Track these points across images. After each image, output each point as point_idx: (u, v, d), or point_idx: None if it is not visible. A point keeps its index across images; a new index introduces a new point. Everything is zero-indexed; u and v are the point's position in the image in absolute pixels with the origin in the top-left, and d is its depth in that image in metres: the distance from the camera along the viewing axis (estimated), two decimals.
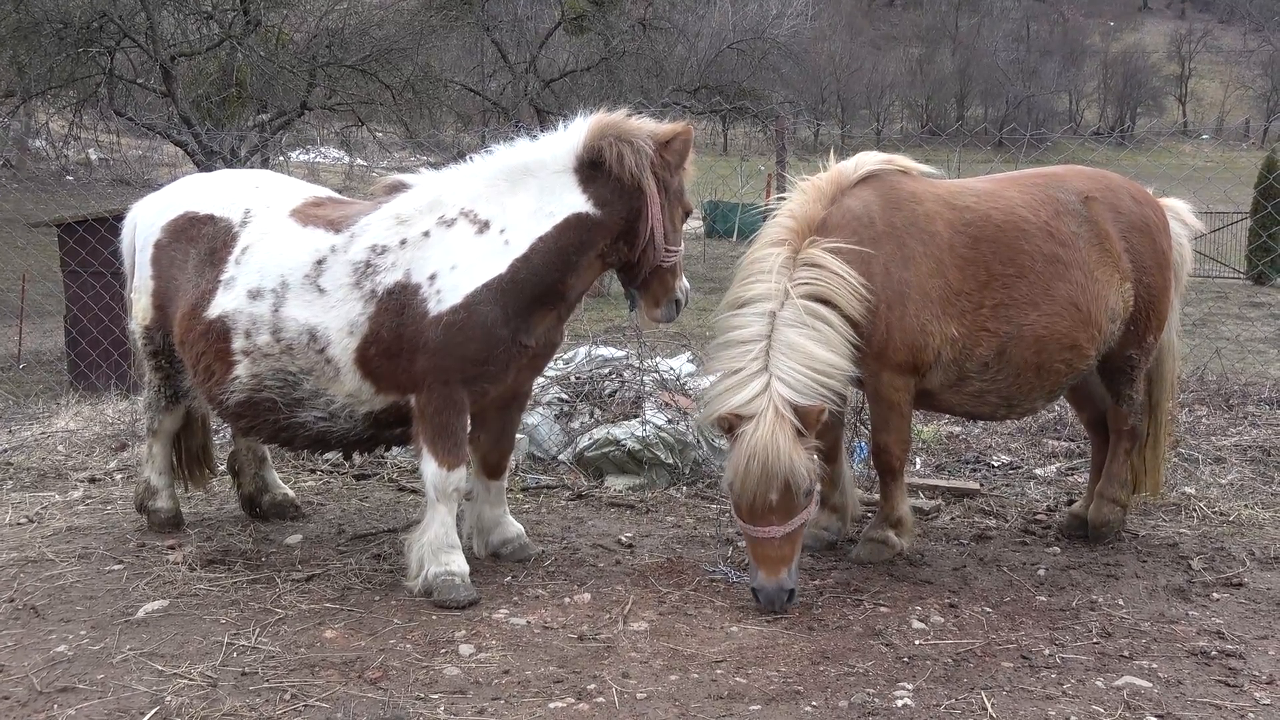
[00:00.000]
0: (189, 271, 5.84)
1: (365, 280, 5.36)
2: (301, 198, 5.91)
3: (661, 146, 5.33)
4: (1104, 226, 5.87)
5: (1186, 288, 6.54)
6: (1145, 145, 22.04)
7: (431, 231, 5.34)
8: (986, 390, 5.82)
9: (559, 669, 4.58)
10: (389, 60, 27.53)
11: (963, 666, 4.64)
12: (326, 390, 5.49)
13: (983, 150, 23.52)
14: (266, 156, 27.11)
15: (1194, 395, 9.57)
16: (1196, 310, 20.01)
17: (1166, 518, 6.77)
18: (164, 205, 6.13)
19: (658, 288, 5.56)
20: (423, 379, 5.27)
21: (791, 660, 4.69)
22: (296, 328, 5.45)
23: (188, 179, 6.48)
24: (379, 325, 5.31)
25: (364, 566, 5.88)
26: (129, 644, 4.84)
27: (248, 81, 26.72)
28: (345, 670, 4.57)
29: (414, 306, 5.25)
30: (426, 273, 5.27)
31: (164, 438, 6.46)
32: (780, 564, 5.19)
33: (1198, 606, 5.36)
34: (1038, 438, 8.74)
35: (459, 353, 5.20)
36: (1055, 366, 5.81)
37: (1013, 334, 5.68)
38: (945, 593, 5.52)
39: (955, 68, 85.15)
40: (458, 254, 5.26)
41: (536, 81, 33.74)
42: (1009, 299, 5.67)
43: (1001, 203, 5.79)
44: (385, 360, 5.34)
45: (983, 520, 6.82)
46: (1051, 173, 6.18)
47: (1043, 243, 5.73)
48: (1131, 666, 4.65)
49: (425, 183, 5.62)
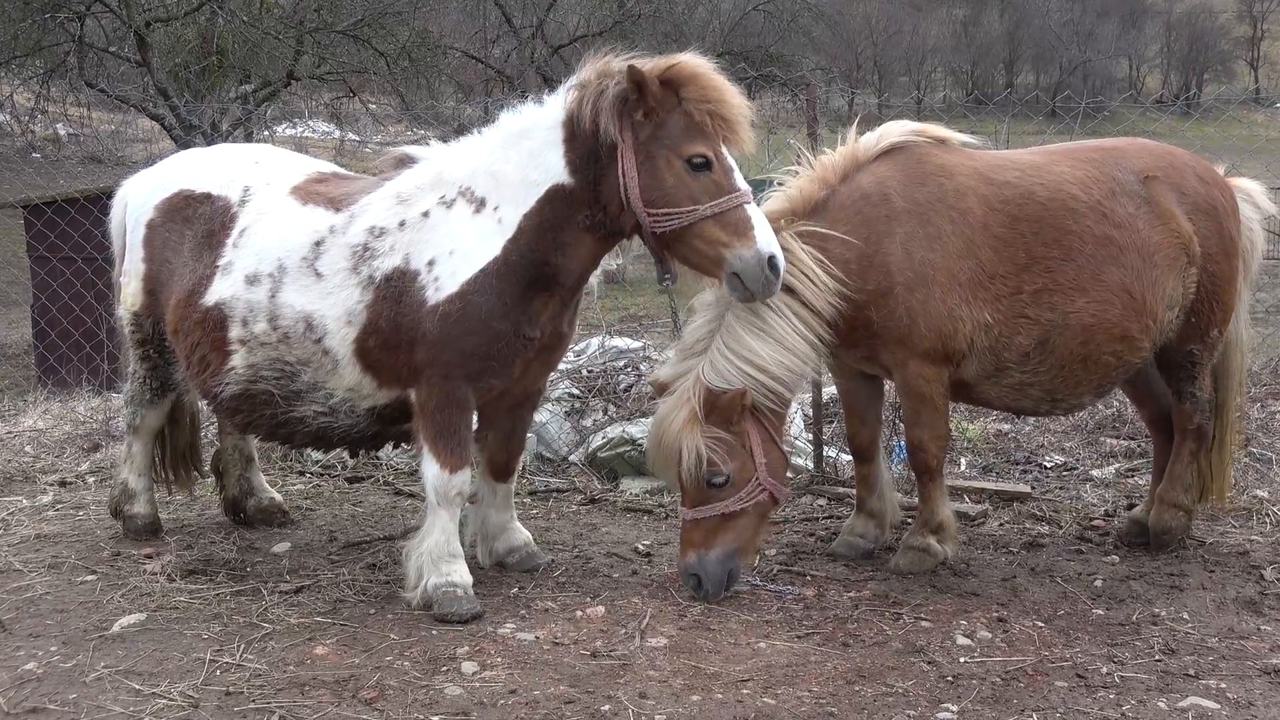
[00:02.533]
0: (184, 254, 5.87)
1: (363, 265, 5.38)
2: (304, 174, 5.93)
3: (636, 85, 5.02)
4: (1167, 206, 5.84)
5: (1259, 271, 6.51)
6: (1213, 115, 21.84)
7: (431, 212, 5.35)
8: (1028, 383, 5.82)
9: (570, 688, 4.59)
10: (383, 25, 27.51)
11: (1012, 686, 4.64)
12: (326, 383, 5.52)
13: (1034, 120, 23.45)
14: (250, 131, 27.14)
15: (1267, 389, 9.53)
16: (1270, 296, 19.91)
17: (1236, 523, 6.75)
18: (158, 182, 6.16)
19: (697, 259, 5.18)
20: (422, 373, 5.29)
21: (824, 679, 4.69)
22: (293, 315, 5.48)
23: (183, 154, 6.52)
24: (377, 315, 5.33)
25: (358, 577, 5.90)
26: (103, 661, 4.87)
27: (229, 49, 26.74)
28: (338, 690, 4.59)
29: (412, 295, 5.27)
30: (425, 258, 5.28)
31: (146, 435, 6.50)
32: (689, 546, 5.51)
33: (1271, 620, 5.34)
34: (1094, 436, 8.72)
35: (457, 346, 5.21)
36: (1104, 359, 5.79)
37: (1056, 322, 5.67)
38: (993, 605, 5.51)
39: (1004, 30, 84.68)
40: (456, 237, 5.27)
41: (544, 47, 33.73)
42: (1053, 283, 5.67)
43: (1048, 178, 5.77)
44: (385, 353, 5.36)
45: (1034, 526, 6.81)
46: (1111, 146, 6.15)
47: (1094, 223, 5.72)
48: (1197, 686, 4.64)
49: (431, 157, 5.62)
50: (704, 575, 5.46)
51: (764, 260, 5.00)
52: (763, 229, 5.05)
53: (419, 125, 25.30)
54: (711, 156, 5.06)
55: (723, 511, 5.43)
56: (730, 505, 5.44)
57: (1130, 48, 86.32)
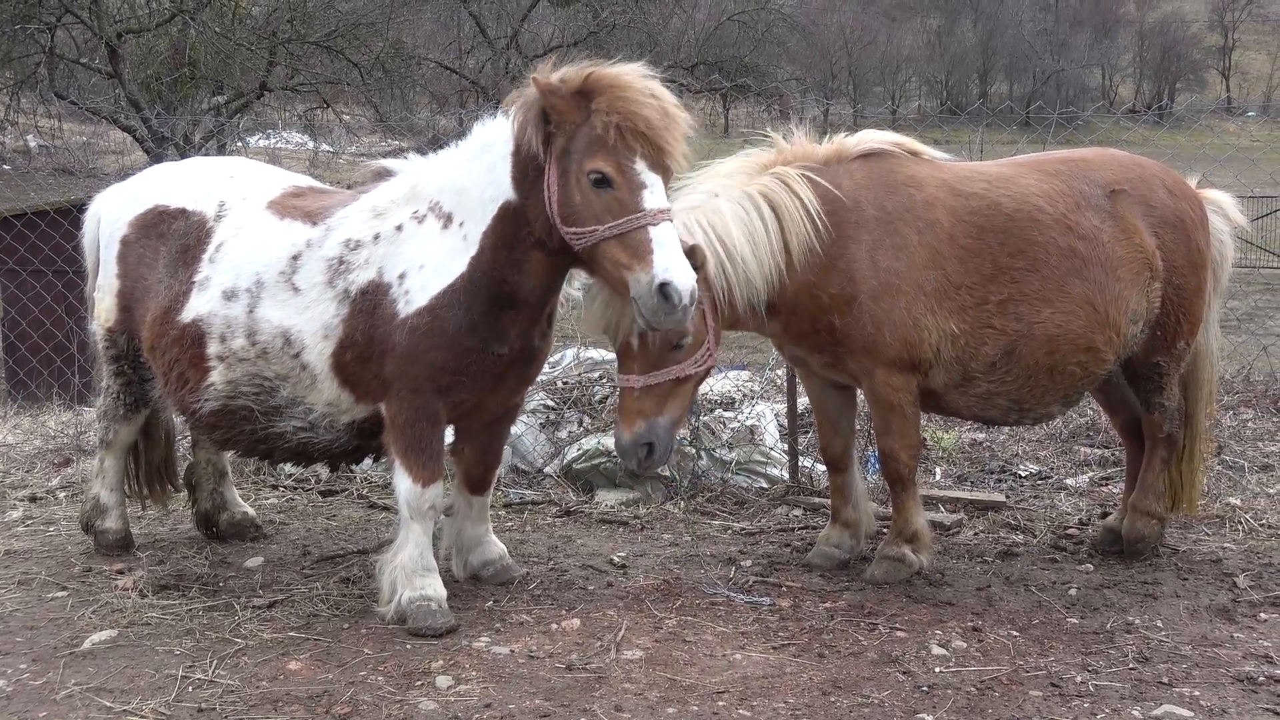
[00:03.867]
0: (159, 271, 5.85)
1: (338, 279, 5.38)
2: (280, 188, 5.92)
3: (547, 93, 4.87)
4: (1131, 221, 5.88)
5: (1229, 279, 6.55)
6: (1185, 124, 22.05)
7: (404, 226, 5.35)
8: (995, 393, 5.86)
9: (546, 702, 4.59)
10: (357, 36, 27.52)
11: (987, 696, 4.65)
12: (305, 398, 5.51)
13: (1008, 130, 23.56)
14: (223, 142, 27.06)
15: (1239, 397, 9.60)
16: (1242, 304, 19.98)
17: (1209, 531, 6.79)
18: (131, 198, 6.14)
19: (608, 280, 4.99)
20: (391, 386, 5.28)
21: (800, 691, 4.70)
22: (271, 330, 5.47)
23: (157, 168, 6.49)
24: (353, 329, 5.32)
25: (331, 591, 5.88)
26: (74, 678, 4.84)
27: (201, 60, 26.67)
28: (311, 705, 4.57)
29: (384, 308, 5.27)
30: (397, 271, 5.28)
31: (118, 450, 6.47)
32: (636, 415, 5.32)
33: (1244, 628, 5.38)
34: (1068, 445, 8.77)
35: (426, 359, 5.20)
36: (1069, 369, 5.84)
37: (1022, 332, 5.71)
38: (968, 615, 5.53)
39: (977, 40, 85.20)
40: (426, 252, 5.27)
41: (519, 58, 33.74)
42: (1018, 294, 5.71)
43: (1015, 190, 5.82)
44: (360, 366, 5.35)
45: (1009, 535, 6.84)
46: (1080, 158, 6.19)
47: (1059, 235, 5.76)
48: (1171, 694, 4.66)
49: (407, 170, 5.61)
50: (657, 441, 5.30)
51: (654, 287, 4.69)
52: (664, 253, 4.71)
53: (393, 136, 25.27)
54: (611, 173, 4.78)
55: (677, 375, 5.33)
56: (686, 369, 5.35)
57: (1103, 57, 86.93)
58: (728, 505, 7.54)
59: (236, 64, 26.83)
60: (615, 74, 4.86)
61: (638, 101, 4.81)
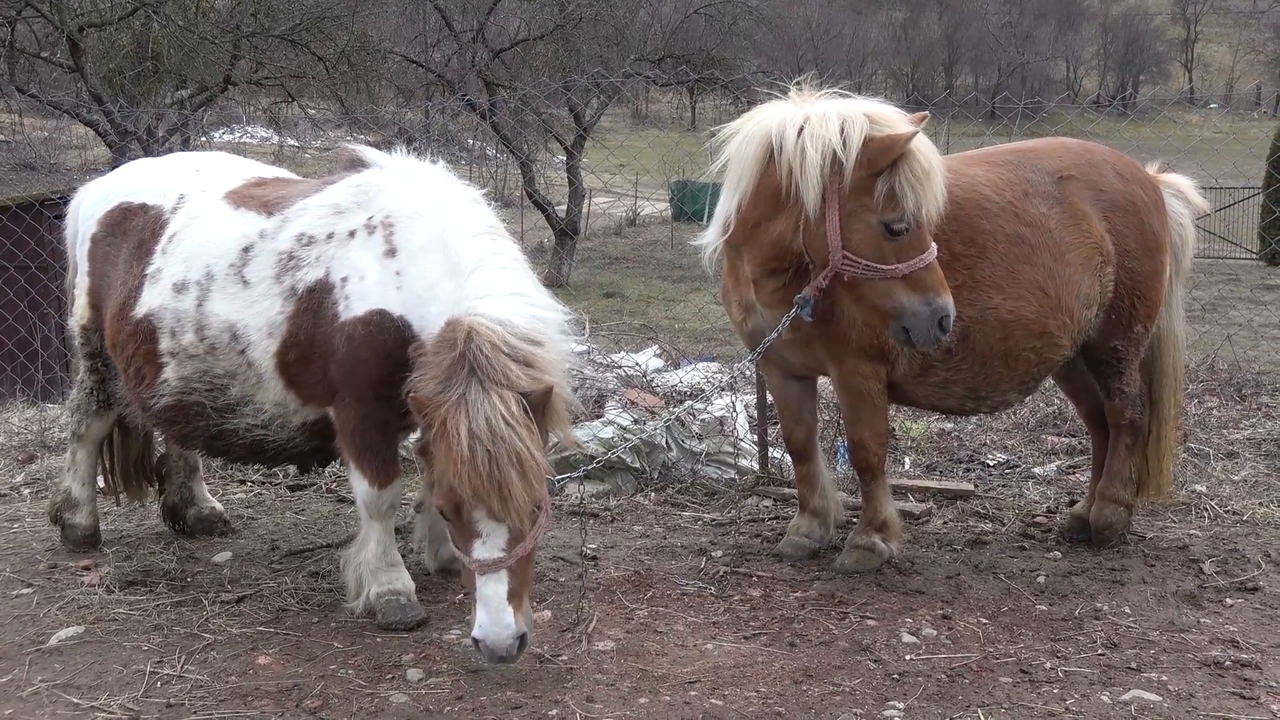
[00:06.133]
0: (119, 267, 5.79)
1: (286, 275, 5.24)
2: (243, 178, 5.82)
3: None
4: (1080, 206, 5.92)
5: (1193, 270, 6.58)
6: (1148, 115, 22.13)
7: (357, 232, 5.18)
8: (951, 380, 5.88)
9: (517, 693, 4.58)
10: (321, 29, 27.33)
11: (957, 683, 4.68)
12: (254, 397, 5.40)
13: (974, 122, 23.63)
14: (187, 137, 26.87)
15: (1204, 385, 9.68)
16: (1206, 294, 20.24)
17: (1175, 518, 6.85)
18: (103, 194, 6.10)
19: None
20: (337, 392, 5.17)
21: (771, 680, 4.71)
22: (219, 324, 5.36)
23: (133, 164, 6.44)
24: (298, 328, 5.19)
25: (300, 586, 5.86)
26: (40, 675, 4.80)
27: (165, 54, 26.47)
28: (281, 700, 4.55)
29: (327, 307, 5.12)
30: (341, 273, 5.13)
31: (89, 444, 6.40)
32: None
33: (1210, 613, 5.43)
34: (1036, 434, 8.82)
35: (363, 370, 5.06)
36: (1024, 355, 5.86)
37: (976, 318, 5.74)
38: (938, 603, 5.56)
39: (942, 33, 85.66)
40: (368, 265, 5.10)
41: (485, 51, 33.59)
42: (971, 280, 5.74)
43: (963, 180, 5.84)
44: (303, 367, 5.22)
45: (978, 524, 6.88)
46: (1029, 148, 6.24)
47: (1006, 223, 5.79)
48: (1139, 679, 4.70)
49: (378, 168, 5.43)
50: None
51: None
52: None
53: (359, 130, 25.14)
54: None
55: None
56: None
57: (1067, 50, 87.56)
58: (698, 497, 7.55)
59: (200, 58, 26.62)
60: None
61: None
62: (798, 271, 5.53)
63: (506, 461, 4.37)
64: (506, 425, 4.40)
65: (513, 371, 4.52)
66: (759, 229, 5.54)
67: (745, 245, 5.65)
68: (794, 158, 5.26)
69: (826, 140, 5.19)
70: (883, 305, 5.27)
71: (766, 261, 5.60)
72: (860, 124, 5.22)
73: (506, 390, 4.48)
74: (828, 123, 5.24)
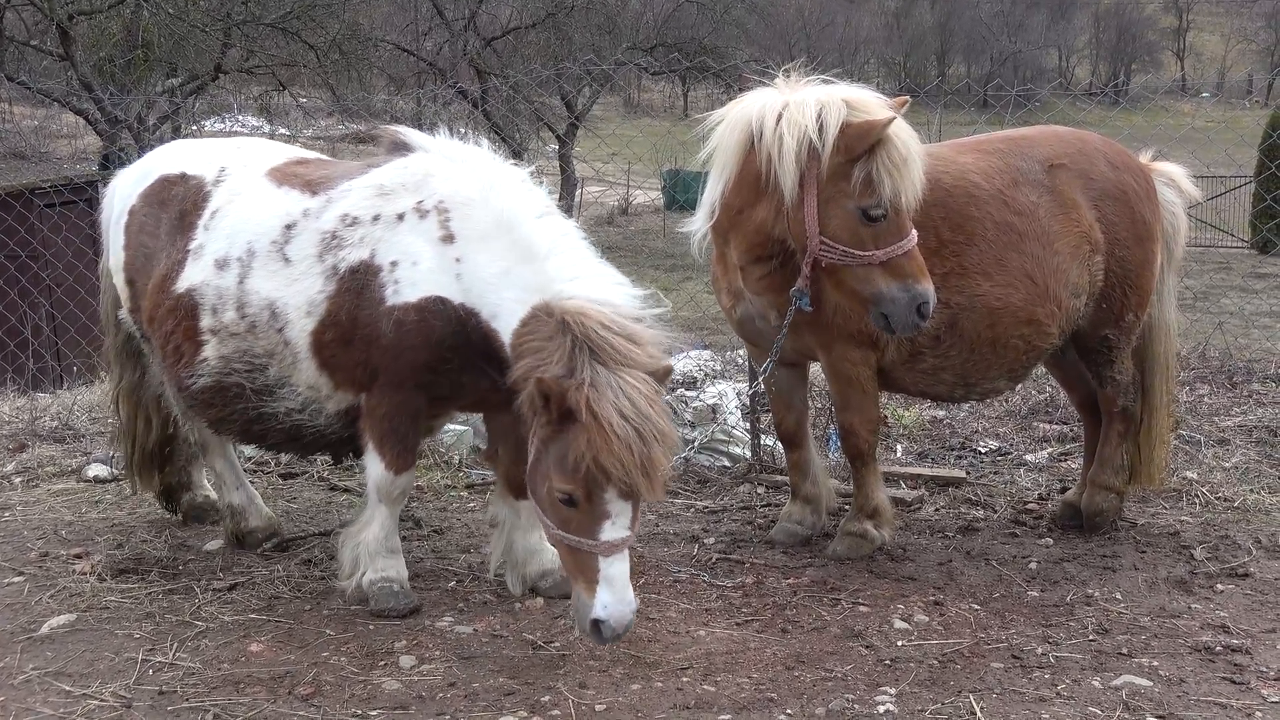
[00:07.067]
0: (161, 239, 5.70)
1: (329, 254, 5.17)
2: (285, 157, 5.79)
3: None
4: (1069, 195, 5.92)
5: (1185, 258, 6.59)
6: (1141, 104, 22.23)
7: (406, 215, 5.10)
8: (940, 367, 5.89)
9: (510, 680, 4.59)
10: (312, 17, 27.25)
11: (949, 668, 4.69)
12: (290, 378, 5.31)
13: (966, 110, 23.61)
14: (178, 125, 26.78)
15: (1195, 373, 9.70)
16: (1198, 282, 20.26)
17: (1167, 505, 6.86)
18: (143, 171, 6.03)
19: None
20: (375, 377, 5.11)
21: (764, 665, 4.72)
22: (259, 302, 5.28)
23: (170, 144, 6.37)
24: (337, 308, 5.12)
25: (292, 573, 5.85)
26: (32, 663, 4.80)
27: (155, 42, 26.39)
28: (273, 687, 4.55)
29: (372, 291, 5.05)
30: (390, 257, 5.06)
31: (217, 450, 6.27)
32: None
33: (1201, 599, 5.45)
34: (1028, 421, 8.83)
35: (409, 357, 5.02)
36: (1012, 342, 5.87)
37: (965, 305, 5.74)
38: (930, 589, 5.57)
39: (935, 22, 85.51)
40: (421, 251, 5.04)
41: (476, 40, 33.58)
42: (959, 267, 5.74)
43: (953, 167, 5.85)
44: (341, 349, 5.15)
45: (969, 511, 6.89)
46: (1020, 136, 6.24)
47: (995, 210, 5.79)
48: (1130, 665, 4.72)
49: (424, 151, 5.34)
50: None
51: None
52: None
53: (350, 118, 25.08)
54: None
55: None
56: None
57: (1059, 39, 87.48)
58: (690, 484, 7.55)
59: (191, 46, 26.55)
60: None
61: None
62: (784, 259, 5.53)
63: (652, 439, 4.38)
64: (649, 404, 4.42)
65: (633, 352, 4.50)
66: (742, 215, 5.55)
67: (731, 232, 5.66)
68: (772, 144, 5.28)
69: (803, 126, 5.20)
70: (861, 291, 5.28)
71: (752, 249, 5.61)
72: (838, 109, 5.22)
73: (635, 369, 4.47)
74: (805, 109, 5.24)
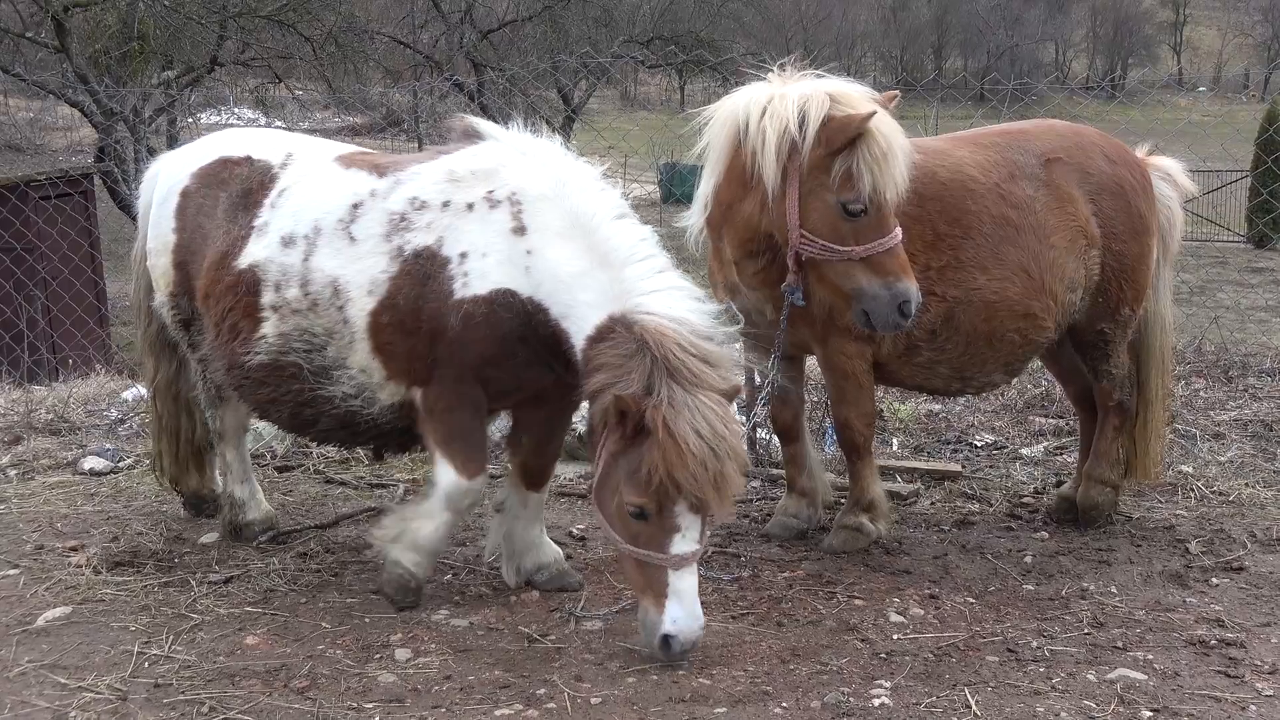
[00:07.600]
0: (218, 218, 5.65)
1: (395, 235, 5.12)
2: (349, 149, 5.82)
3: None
4: (1066, 189, 5.92)
5: (1181, 252, 6.59)
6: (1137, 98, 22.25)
7: (476, 205, 5.06)
8: (936, 360, 5.89)
9: (505, 673, 4.59)
10: (308, 10, 27.22)
11: (944, 662, 4.70)
12: (346, 360, 5.25)
13: (962, 104, 23.66)
14: (173, 118, 26.77)
15: (1191, 367, 9.70)
16: (1194, 276, 20.28)
17: (1162, 499, 6.87)
18: (196, 154, 5.99)
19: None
20: (435, 371, 5.06)
21: (759, 659, 4.73)
22: (323, 280, 5.23)
23: (235, 129, 6.35)
24: (398, 290, 5.07)
25: (288, 566, 5.85)
26: (27, 655, 4.80)
27: (151, 35, 26.30)
28: (269, 680, 4.55)
29: (440, 283, 5.01)
30: (459, 248, 5.02)
31: (234, 440, 6.24)
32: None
33: (1196, 593, 5.46)
34: (1023, 415, 8.83)
35: (475, 350, 4.98)
36: (1009, 336, 5.88)
37: (960, 299, 5.75)
38: (925, 583, 5.58)
39: (932, 16, 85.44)
40: (491, 242, 5.01)
41: (473, 33, 33.55)
42: (955, 261, 5.74)
43: (949, 161, 5.85)
44: (398, 335, 5.10)
45: (965, 504, 6.89)
46: (1017, 130, 6.24)
47: (991, 204, 5.79)
48: (1125, 658, 4.73)
49: (496, 141, 5.30)
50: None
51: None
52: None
53: (346, 111, 25.07)
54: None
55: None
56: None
57: (1056, 32, 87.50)
58: None
59: (186, 38, 26.49)
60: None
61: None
62: (775, 253, 5.54)
63: (726, 456, 4.49)
64: (722, 423, 4.52)
65: (707, 373, 4.58)
66: (732, 210, 5.57)
67: (724, 226, 5.67)
68: (755, 138, 5.30)
69: (784, 119, 5.22)
70: (842, 286, 5.29)
71: (743, 243, 5.62)
72: (820, 103, 5.23)
73: (711, 391, 4.56)
74: (787, 102, 5.26)
